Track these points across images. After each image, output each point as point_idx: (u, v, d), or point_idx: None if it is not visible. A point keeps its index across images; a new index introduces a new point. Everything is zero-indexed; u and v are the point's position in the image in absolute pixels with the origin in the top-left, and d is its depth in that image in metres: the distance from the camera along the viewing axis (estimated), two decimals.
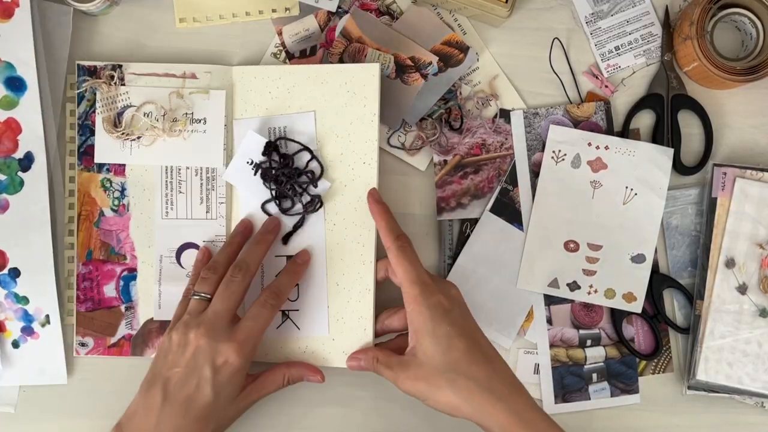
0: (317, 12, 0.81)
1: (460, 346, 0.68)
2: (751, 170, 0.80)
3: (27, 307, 0.77)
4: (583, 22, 0.83)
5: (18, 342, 0.77)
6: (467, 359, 0.67)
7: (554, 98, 0.83)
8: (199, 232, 0.78)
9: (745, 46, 0.82)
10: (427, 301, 0.69)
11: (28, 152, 0.76)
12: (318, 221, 0.77)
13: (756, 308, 0.79)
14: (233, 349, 0.68)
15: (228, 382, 0.68)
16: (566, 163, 0.81)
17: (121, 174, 0.79)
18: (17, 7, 0.75)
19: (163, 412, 0.67)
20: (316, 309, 0.77)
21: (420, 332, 0.69)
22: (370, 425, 0.80)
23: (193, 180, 0.79)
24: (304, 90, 0.78)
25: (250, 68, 0.79)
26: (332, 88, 0.77)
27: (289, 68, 0.78)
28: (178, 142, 0.78)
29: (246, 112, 0.79)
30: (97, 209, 0.79)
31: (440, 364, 0.68)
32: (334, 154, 0.77)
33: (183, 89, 0.78)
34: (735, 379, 0.79)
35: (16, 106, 0.76)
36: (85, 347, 0.78)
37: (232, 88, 0.79)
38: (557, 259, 0.80)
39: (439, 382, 0.67)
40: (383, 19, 0.81)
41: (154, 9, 0.81)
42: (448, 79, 0.81)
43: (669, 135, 0.82)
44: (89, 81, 0.78)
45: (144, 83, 0.79)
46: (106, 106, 0.78)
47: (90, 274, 0.79)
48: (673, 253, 0.82)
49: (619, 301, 0.80)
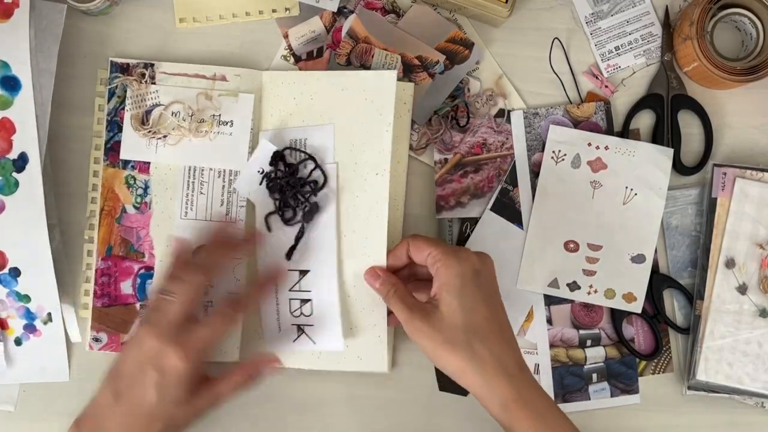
0: (322, 13, 0.81)
1: (484, 312, 0.67)
2: (751, 170, 0.80)
3: (29, 305, 0.77)
4: (583, 22, 0.83)
5: (20, 339, 0.78)
6: (487, 327, 0.67)
7: (554, 98, 0.83)
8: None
9: (745, 46, 0.82)
10: (458, 257, 0.68)
11: (23, 153, 0.76)
12: (329, 232, 0.77)
13: (756, 308, 0.79)
14: (180, 354, 0.66)
15: (173, 386, 0.67)
16: (566, 163, 0.81)
17: (146, 172, 0.79)
18: (17, 7, 0.75)
19: (114, 409, 0.67)
20: (330, 323, 0.77)
21: (447, 287, 0.68)
22: (371, 425, 0.80)
23: (215, 182, 0.79)
24: (325, 97, 0.77)
25: (280, 74, 0.79)
26: (351, 95, 0.77)
27: (316, 75, 0.78)
28: (203, 143, 0.78)
29: (272, 117, 0.78)
30: (119, 205, 0.79)
31: (461, 324, 0.67)
32: (347, 164, 0.77)
33: (212, 91, 0.78)
34: (735, 379, 0.79)
35: (11, 106, 0.76)
36: (99, 342, 0.78)
37: (260, 92, 0.79)
38: (557, 259, 0.80)
39: (455, 341, 0.66)
40: (389, 17, 0.81)
41: (154, 9, 0.81)
42: (455, 77, 0.81)
43: (669, 135, 0.82)
44: (121, 78, 0.78)
45: (174, 83, 0.79)
46: (135, 103, 0.78)
47: (108, 269, 0.79)
48: (673, 253, 0.82)
49: (619, 301, 0.80)
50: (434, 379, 0.81)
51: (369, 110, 0.76)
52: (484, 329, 0.67)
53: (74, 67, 0.80)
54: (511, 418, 0.66)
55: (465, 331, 0.66)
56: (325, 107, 0.77)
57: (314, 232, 0.77)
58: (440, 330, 0.67)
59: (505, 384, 0.66)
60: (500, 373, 0.66)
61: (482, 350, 0.66)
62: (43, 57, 0.76)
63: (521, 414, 0.66)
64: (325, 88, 0.77)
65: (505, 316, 0.70)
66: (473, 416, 0.80)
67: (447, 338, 0.67)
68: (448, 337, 0.67)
